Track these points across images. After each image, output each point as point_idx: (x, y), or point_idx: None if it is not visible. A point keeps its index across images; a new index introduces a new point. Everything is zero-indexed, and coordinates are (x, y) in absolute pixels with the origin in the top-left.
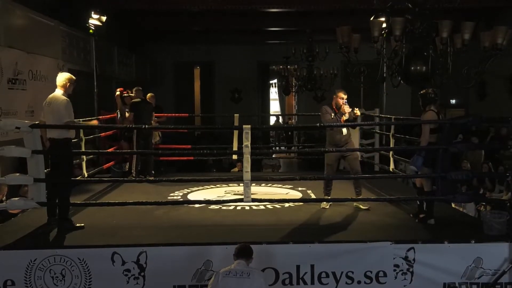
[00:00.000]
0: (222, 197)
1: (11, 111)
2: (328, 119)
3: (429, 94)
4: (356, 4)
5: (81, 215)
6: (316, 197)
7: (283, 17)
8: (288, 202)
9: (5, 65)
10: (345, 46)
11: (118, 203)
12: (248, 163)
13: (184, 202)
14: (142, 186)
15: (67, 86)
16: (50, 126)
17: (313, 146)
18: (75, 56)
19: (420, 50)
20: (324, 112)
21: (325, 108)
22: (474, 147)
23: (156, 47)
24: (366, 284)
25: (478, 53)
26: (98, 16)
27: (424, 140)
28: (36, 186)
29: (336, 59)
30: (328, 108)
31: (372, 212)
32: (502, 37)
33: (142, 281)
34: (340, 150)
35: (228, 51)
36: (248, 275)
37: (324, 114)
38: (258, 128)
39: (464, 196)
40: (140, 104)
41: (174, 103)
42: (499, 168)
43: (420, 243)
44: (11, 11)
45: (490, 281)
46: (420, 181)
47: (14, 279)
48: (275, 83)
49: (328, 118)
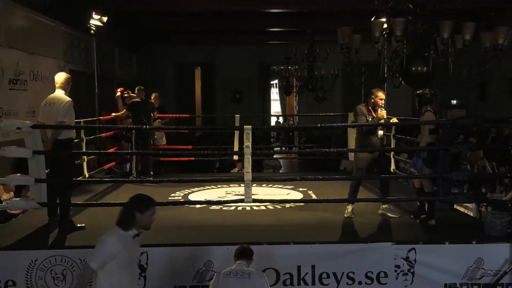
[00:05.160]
0: (223, 197)
1: (12, 112)
2: (363, 122)
3: (426, 94)
4: (357, 5)
5: (82, 216)
6: (317, 197)
7: (284, 17)
8: (289, 202)
9: (6, 66)
10: (346, 47)
11: (119, 204)
12: (249, 164)
13: (185, 203)
14: (143, 186)
15: (68, 86)
16: (51, 127)
17: (313, 146)
18: (76, 56)
19: (421, 51)
20: (360, 114)
21: (360, 109)
22: (475, 147)
23: (157, 48)
24: (367, 284)
25: (479, 54)
26: (99, 17)
27: (423, 141)
28: (37, 186)
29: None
30: (364, 108)
31: (373, 213)
32: (503, 38)
33: (143, 281)
34: (341, 151)
35: (229, 51)
36: (248, 276)
37: (359, 115)
38: (259, 129)
39: (465, 196)
40: (139, 104)
41: (175, 103)
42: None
43: (421, 244)
44: (12, 11)
45: (491, 282)
46: (419, 182)
47: (15, 280)
48: (276, 83)
49: (364, 121)
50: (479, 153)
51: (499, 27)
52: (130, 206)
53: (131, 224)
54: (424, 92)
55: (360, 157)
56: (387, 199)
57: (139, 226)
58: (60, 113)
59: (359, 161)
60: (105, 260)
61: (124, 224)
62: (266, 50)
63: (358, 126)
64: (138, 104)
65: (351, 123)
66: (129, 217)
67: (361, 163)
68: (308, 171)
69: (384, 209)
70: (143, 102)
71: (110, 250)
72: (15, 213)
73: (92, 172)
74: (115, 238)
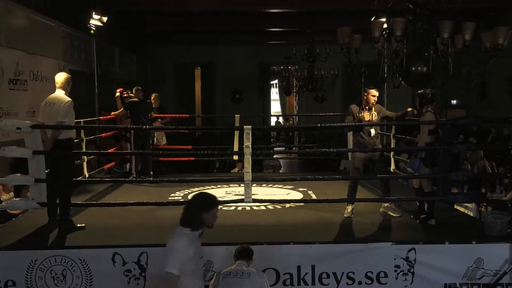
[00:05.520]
0: (223, 197)
1: (12, 112)
2: (349, 121)
3: (427, 94)
4: (357, 5)
5: (82, 216)
6: (317, 197)
7: (284, 17)
8: (289, 202)
9: (6, 66)
10: (345, 47)
11: (119, 204)
12: (249, 164)
13: (185, 203)
14: (143, 186)
15: (68, 87)
16: (50, 127)
17: (313, 146)
18: (76, 56)
19: (421, 51)
20: (347, 113)
21: (350, 108)
22: (475, 147)
23: (157, 48)
24: (367, 284)
25: (479, 54)
26: (99, 17)
27: (422, 141)
28: (37, 186)
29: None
30: (355, 107)
31: (373, 213)
32: (503, 38)
33: (143, 281)
34: (341, 151)
35: (229, 51)
36: (248, 276)
37: (347, 115)
38: (259, 129)
39: (465, 196)
40: (137, 104)
41: (175, 103)
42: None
43: (421, 244)
44: (12, 11)
45: (491, 282)
46: (418, 182)
47: (15, 280)
48: (276, 83)
49: (350, 120)
50: (479, 153)
51: (499, 27)
52: (196, 206)
53: (200, 224)
54: (425, 92)
55: (355, 156)
56: (387, 199)
57: (204, 225)
58: (60, 113)
59: (355, 161)
60: (184, 263)
61: (192, 224)
62: (266, 50)
63: (357, 126)
64: (136, 104)
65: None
66: (197, 217)
67: (357, 163)
68: (308, 171)
69: (385, 207)
70: (141, 102)
71: (186, 252)
72: (15, 213)
73: (92, 172)
74: (186, 241)
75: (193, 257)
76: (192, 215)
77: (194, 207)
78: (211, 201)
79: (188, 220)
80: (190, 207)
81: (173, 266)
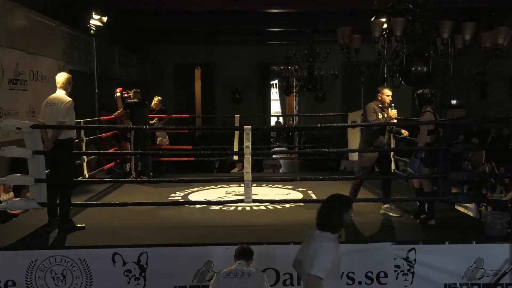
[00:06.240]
0: (223, 197)
1: (12, 112)
2: (375, 119)
3: (426, 94)
4: (357, 5)
5: (82, 216)
6: (317, 197)
7: (283, 17)
8: (289, 202)
9: (6, 66)
10: (345, 47)
11: (119, 204)
12: (249, 164)
13: (185, 203)
14: (143, 186)
15: (69, 87)
16: (51, 127)
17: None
18: (76, 56)
19: (421, 51)
20: (371, 111)
21: (372, 107)
22: (475, 147)
23: (157, 48)
24: (367, 284)
25: (479, 54)
26: (99, 17)
27: (422, 141)
28: (37, 186)
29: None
30: (376, 106)
31: (373, 213)
32: (503, 38)
33: (143, 281)
34: (341, 151)
35: (229, 51)
36: (248, 276)
37: (371, 113)
38: (259, 129)
39: (465, 196)
40: (135, 105)
41: (175, 104)
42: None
43: (421, 244)
44: (12, 11)
45: (491, 282)
46: (419, 182)
47: (15, 280)
48: (276, 83)
49: (374, 119)
50: (481, 157)
51: (499, 27)
52: (335, 209)
53: (340, 226)
54: (424, 92)
55: (368, 156)
56: (387, 199)
57: (342, 226)
58: (61, 113)
59: (367, 161)
60: (330, 267)
61: (333, 227)
62: (266, 50)
63: (358, 126)
64: (134, 105)
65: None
66: (338, 219)
67: (368, 163)
68: (308, 171)
69: (385, 208)
70: (139, 104)
71: (333, 256)
72: (15, 213)
73: (92, 172)
74: (332, 244)
75: (339, 260)
76: (332, 218)
77: (333, 210)
78: (347, 201)
79: (327, 224)
80: (328, 210)
81: (321, 269)
